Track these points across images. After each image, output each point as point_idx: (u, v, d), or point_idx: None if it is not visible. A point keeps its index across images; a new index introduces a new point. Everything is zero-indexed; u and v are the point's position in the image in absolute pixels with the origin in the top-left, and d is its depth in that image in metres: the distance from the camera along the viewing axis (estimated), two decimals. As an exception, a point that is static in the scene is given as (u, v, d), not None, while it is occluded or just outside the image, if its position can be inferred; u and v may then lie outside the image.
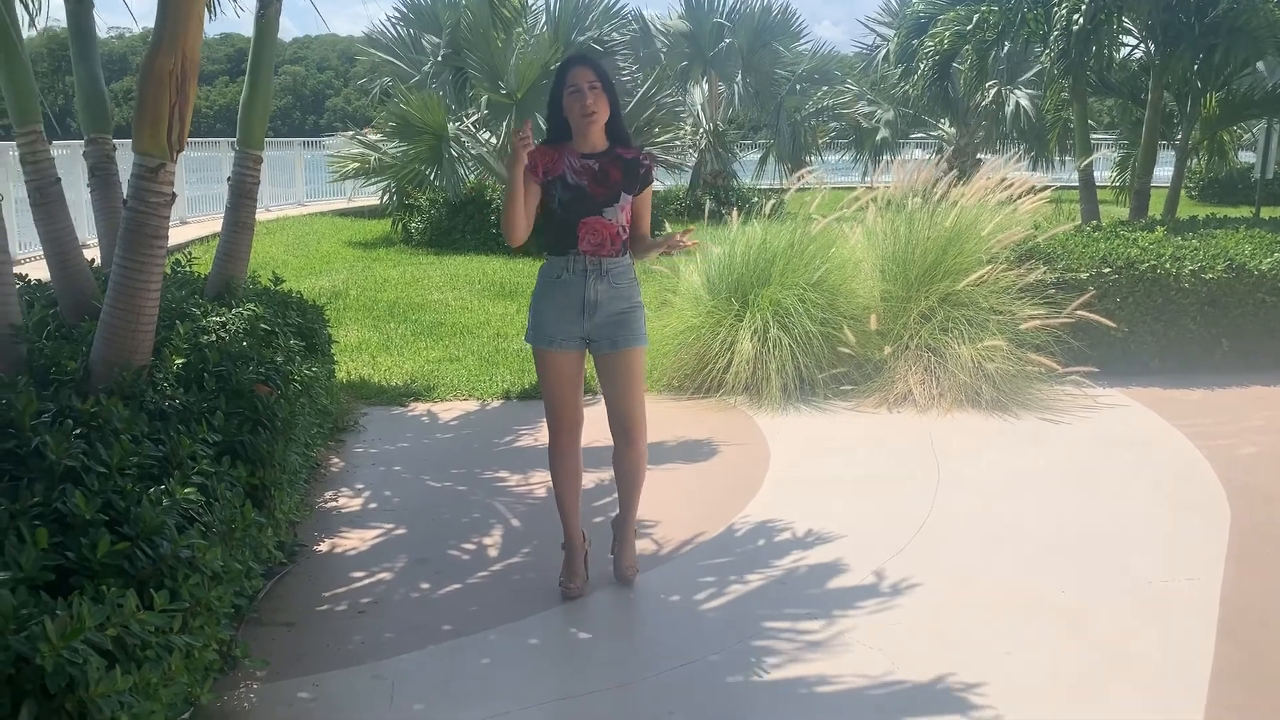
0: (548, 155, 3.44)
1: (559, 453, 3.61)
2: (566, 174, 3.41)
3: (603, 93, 3.37)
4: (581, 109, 3.36)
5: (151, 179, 3.50)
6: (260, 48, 5.31)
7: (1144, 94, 9.43)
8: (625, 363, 3.50)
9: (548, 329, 3.48)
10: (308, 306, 5.50)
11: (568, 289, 3.45)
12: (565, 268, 3.45)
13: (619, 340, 3.47)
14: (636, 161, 3.48)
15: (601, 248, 3.42)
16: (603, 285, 3.44)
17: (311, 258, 12.04)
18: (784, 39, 18.93)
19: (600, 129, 3.43)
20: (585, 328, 3.46)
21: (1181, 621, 3.45)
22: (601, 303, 3.44)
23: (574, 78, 3.38)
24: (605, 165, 3.43)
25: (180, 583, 2.46)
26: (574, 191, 3.40)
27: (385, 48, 14.63)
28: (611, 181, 3.42)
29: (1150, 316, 6.57)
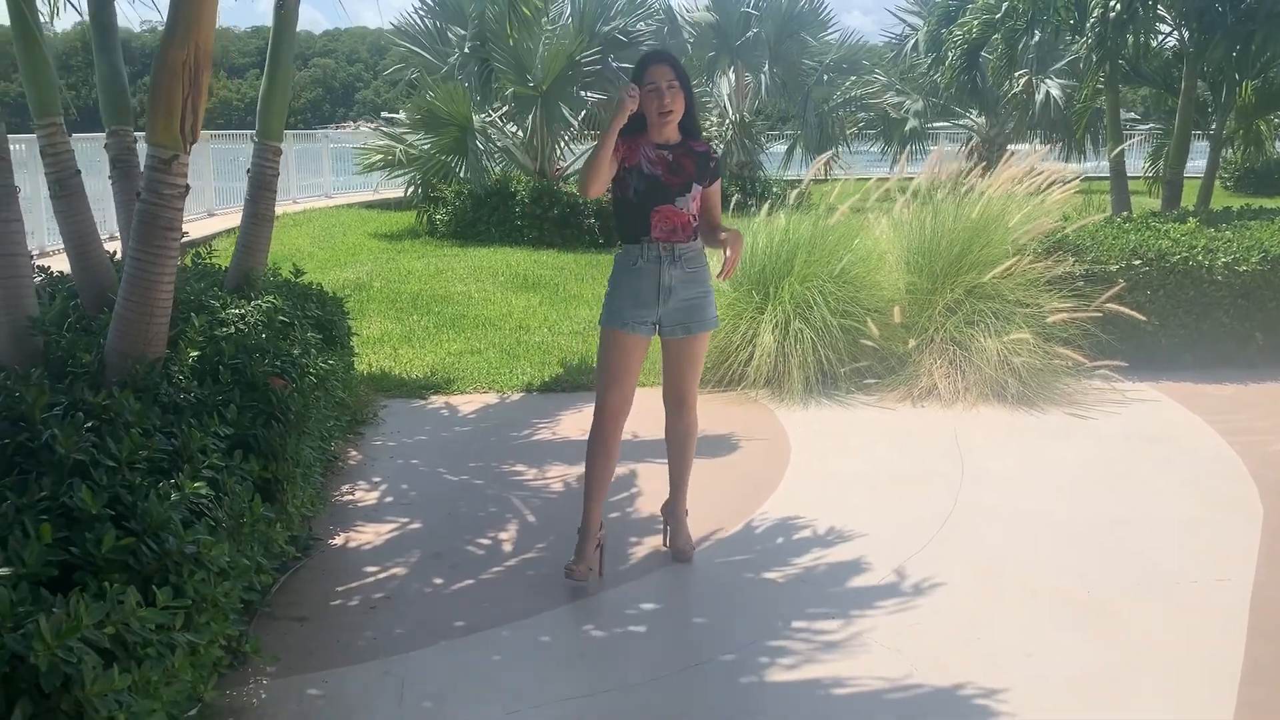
0: (624, 145, 3.56)
1: (600, 435, 3.66)
2: (643, 163, 3.55)
3: (679, 90, 3.51)
4: (659, 106, 3.50)
5: (165, 170, 3.48)
6: (279, 39, 5.28)
7: (1178, 83, 9.25)
8: (694, 347, 3.69)
9: (623, 313, 3.59)
10: (327, 298, 5.48)
11: (643, 275, 3.57)
12: (640, 254, 3.57)
13: (692, 326, 3.63)
14: (707, 155, 3.63)
15: (674, 234, 3.55)
16: (676, 270, 3.56)
17: (337, 249, 12.06)
18: (812, 29, 18.75)
19: (675, 125, 3.58)
20: (659, 312, 3.59)
21: (1211, 623, 3.36)
22: (675, 288, 3.57)
23: (653, 75, 3.51)
24: (679, 157, 3.57)
25: (185, 579, 2.44)
26: (649, 181, 3.54)
27: (412, 39, 14.65)
28: (686, 172, 3.56)
29: (1182, 310, 6.44)
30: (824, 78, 18.87)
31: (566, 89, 12.92)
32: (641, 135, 3.58)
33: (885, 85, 20.24)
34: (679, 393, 3.77)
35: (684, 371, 3.73)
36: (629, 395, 3.67)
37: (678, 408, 3.79)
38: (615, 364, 3.62)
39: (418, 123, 12.91)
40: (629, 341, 3.60)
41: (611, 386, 3.63)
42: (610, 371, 3.63)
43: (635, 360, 3.64)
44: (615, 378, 3.63)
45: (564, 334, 7.59)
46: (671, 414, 3.81)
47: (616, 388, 3.63)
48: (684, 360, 3.71)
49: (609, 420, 3.64)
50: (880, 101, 20.14)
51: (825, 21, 18.94)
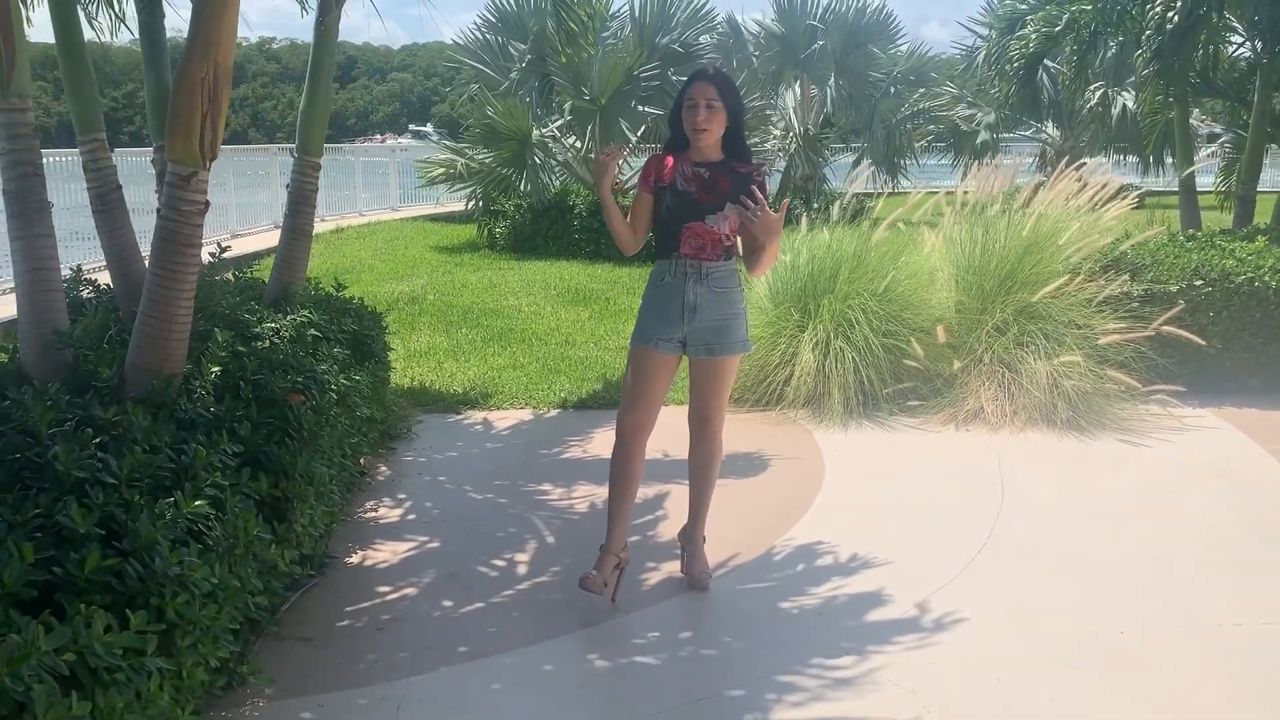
0: (662, 164, 3.58)
1: (620, 454, 3.63)
2: (677, 180, 3.53)
3: (720, 110, 3.46)
4: (693, 124, 3.47)
5: (184, 187, 3.50)
6: (320, 54, 5.33)
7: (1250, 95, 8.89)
8: (718, 370, 3.61)
9: (649, 329, 3.57)
10: (365, 313, 5.49)
11: (669, 291, 3.55)
12: (668, 270, 3.56)
13: (716, 348, 3.56)
14: (749, 176, 3.52)
15: (702, 251, 3.51)
16: (701, 288, 3.51)
17: (397, 262, 12.19)
18: (880, 41, 18.49)
19: (711, 143, 3.52)
20: (684, 330, 3.54)
21: (1252, 671, 3.16)
22: (700, 306, 3.51)
23: (694, 92, 3.48)
24: (716, 175, 3.52)
25: (167, 601, 2.42)
26: (681, 198, 3.51)
27: (475, 55, 14.76)
28: (720, 190, 3.50)
29: (1247, 332, 6.16)
30: (891, 90, 18.60)
31: (625, 103, 12.89)
32: (684, 152, 3.56)
33: (956, 97, 19.90)
34: (702, 415, 3.70)
35: (707, 393, 3.65)
36: (650, 414, 3.62)
37: (700, 431, 3.72)
38: (637, 381, 3.60)
39: (477, 137, 13.00)
40: (653, 359, 3.56)
41: (631, 404, 3.60)
42: (631, 386, 3.61)
43: (658, 379, 3.59)
44: (635, 395, 3.59)
45: (609, 349, 7.53)
46: (695, 436, 3.74)
47: (636, 406, 3.59)
48: (708, 382, 3.63)
49: (628, 438, 3.61)
50: (950, 114, 19.80)
51: (893, 34, 18.68)
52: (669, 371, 3.62)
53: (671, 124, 3.61)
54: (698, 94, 3.46)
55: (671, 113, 3.60)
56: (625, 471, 3.62)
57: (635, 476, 3.65)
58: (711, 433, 3.70)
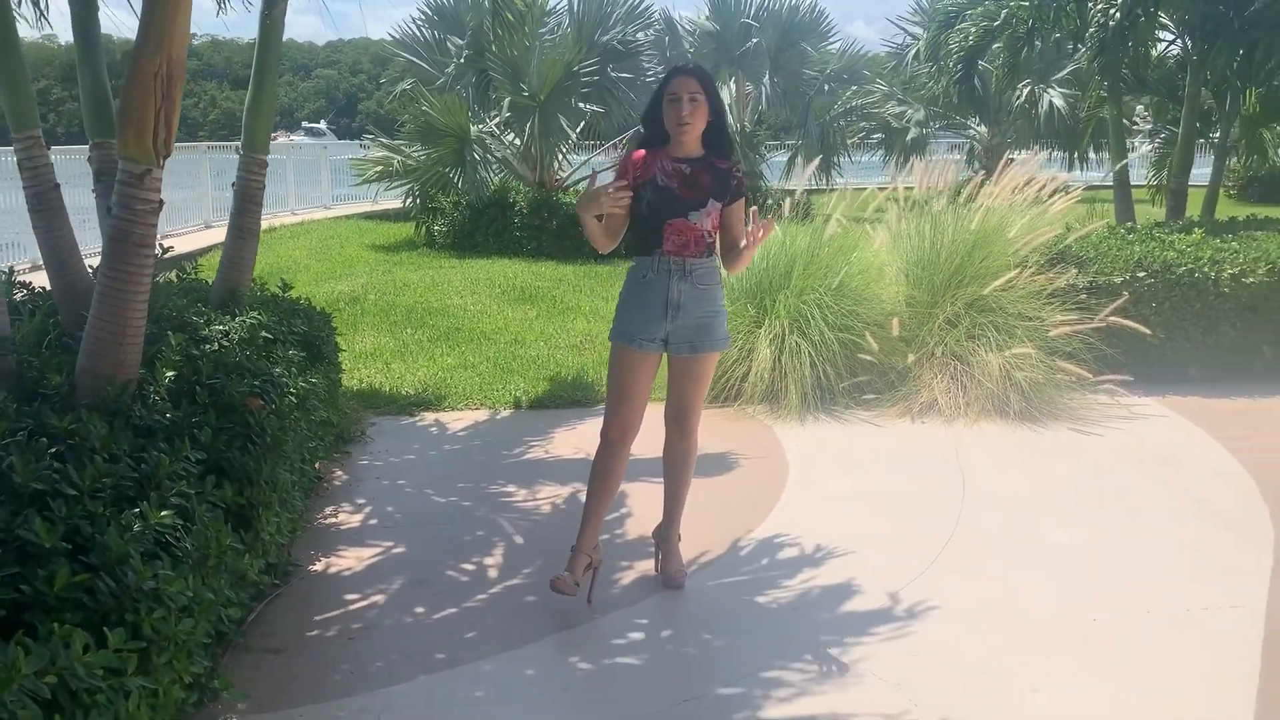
0: (640, 159, 3.49)
1: (604, 455, 3.57)
2: (657, 176, 3.45)
3: (703, 104, 3.40)
4: (676, 117, 3.40)
5: (137, 185, 3.37)
6: (265, 50, 5.18)
7: (1181, 91, 9.13)
8: (700, 367, 3.57)
9: (631, 328, 3.50)
10: (315, 314, 5.37)
11: (652, 288, 3.48)
12: (650, 267, 3.48)
13: (698, 345, 3.52)
14: (729, 172, 3.50)
15: (685, 248, 3.46)
16: (685, 285, 3.46)
17: (334, 261, 11.96)
18: (812, 39, 18.66)
19: (694, 138, 3.47)
20: (666, 329, 3.48)
21: (1224, 655, 3.23)
22: (684, 304, 3.47)
23: (676, 86, 3.42)
24: (697, 171, 3.47)
25: (144, 617, 2.32)
26: (662, 194, 3.44)
27: (411, 50, 14.56)
28: (701, 186, 3.45)
29: (1188, 322, 6.32)
30: (825, 87, 18.76)
31: (564, 99, 12.81)
32: (663, 148, 3.50)
33: (887, 95, 20.15)
34: (680, 412, 3.65)
35: (687, 390, 3.61)
36: (637, 414, 3.56)
37: (678, 428, 3.67)
38: (622, 381, 3.54)
39: (414, 133, 12.81)
40: (636, 358, 3.51)
41: (618, 404, 3.54)
42: (616, 389, 3.55)
43: (643, 378, 3.54)
44: (621, 395, 3.54)
45: (560, 347, 7.47)
46: (671, 433, 3.70)
47: (622, 408, 3.53)
48: (688, 379, 3.59)
49: (614, 439, 3.55)
50: (882, 111, 20.04)
51: (826, 31, 18.84)
52: (652, 370, 3.57)
53: (647, 120, 3.55)
54: (680, 88, 3.40)
55: (648, 108, 3.54)
56: (609, 474, 3.56)
57: (616, 479, 3.60)
58: (688, 430, 3.65)
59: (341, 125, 75.83)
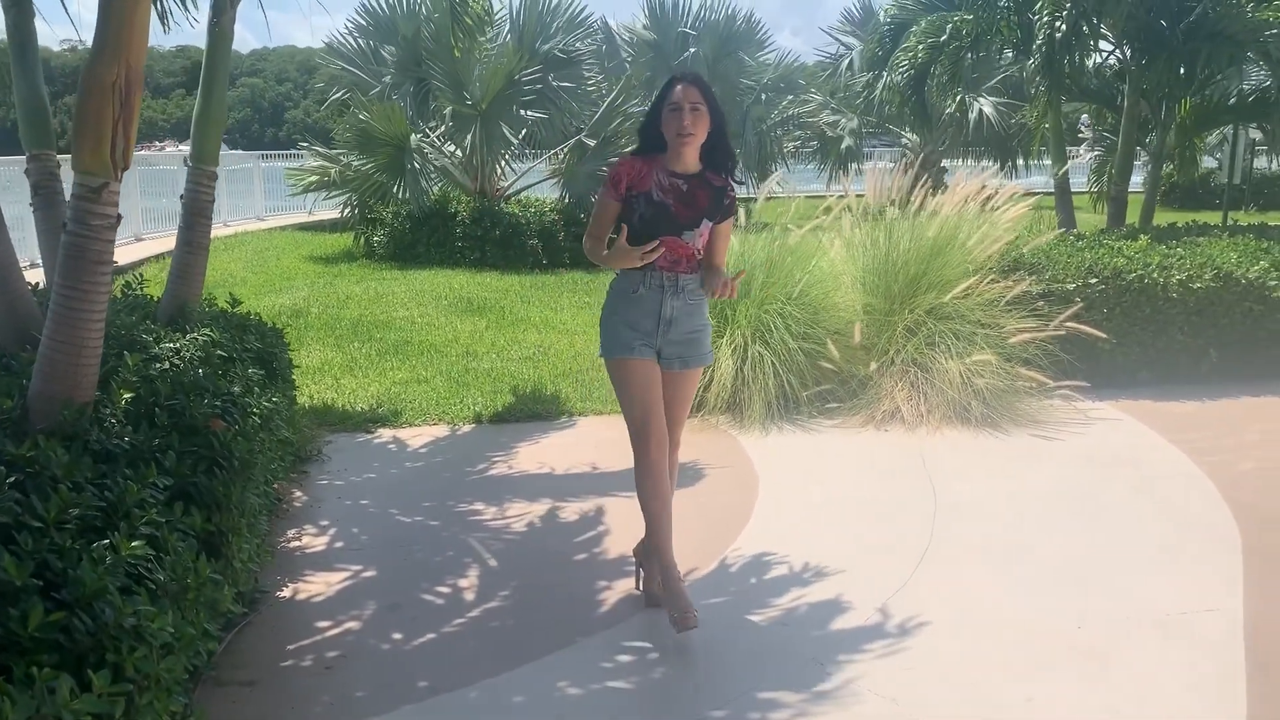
0: (635, 168, 3.36)
1: (650, 471, 3.40)
2: (653, 190, 3.33)
3: (704, 115, 3.28)
4: (679, 127, 3.26)
5: (94, 199, 3.21)
6: (214, 59, 5.02)
7: (1119, 100, 9.32)
8: (688, 382, 3.53)
9: (626, 338, 3.40)
10: (267, 329, 5.20)
11: (643, 304, 3.40)
12: (641, 282, 3.39)
13: (690, 359, 3.48)
14: (724, 190, 3.41)
15: (678, 265, 3.38)
16: (678, 302, 3.39)
17: (271, 274, 11.69)
18: (749, 48, 18.84)
19: (694, 150, 3.34)
20: (658, 342, 3.42)
21: (1208, 657, 3.25)
22: (677, 319, 3.41)
23: (677, 95, 3.29)
24: (694, 188, 3.35)
25: (125, 656, 2.19)
26: (658, 209, 3.32)
27: (345, 58, 14.33)
28: (698, 205, 3.34)
29: (1138, 327, 6.43)
30: (762, 97, 18.93)
31: (506, 107, 12.69)
32: (659, 158, 3.37)
33: (821, 104, 20.37)
34: (672, 434, 3.54)
35: (676, 407, 3.53)
36: (662, 419, 3.44)
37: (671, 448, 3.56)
38: (640, 392, 3.41)
39: (351, 142, 12.58)
40: (643, 366, 3.40)
41: (645, 417, 3.40)
42: (639, 402, 3.41)
43: (656, 381, 3.44)
44: (647, 407, 3.40)
45: (514, 359, 7.36)
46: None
47: (650, 416, 3.40)
48: (677, 395, 3.52)
49: (655, 449, 3.40)
50: (816, 120, 20.26)
51: (761, 41, 19.06)
52: (658, 374, 3.45)
53: (645, 130, 3.41)
54: (682, 96, 3.27)
55: (647, 118, 3.40)
56: (657, 490, 3.41)
57: (668, 491, 3.47)
58: (674, 443, 3.57)
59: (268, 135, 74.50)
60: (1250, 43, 7.79)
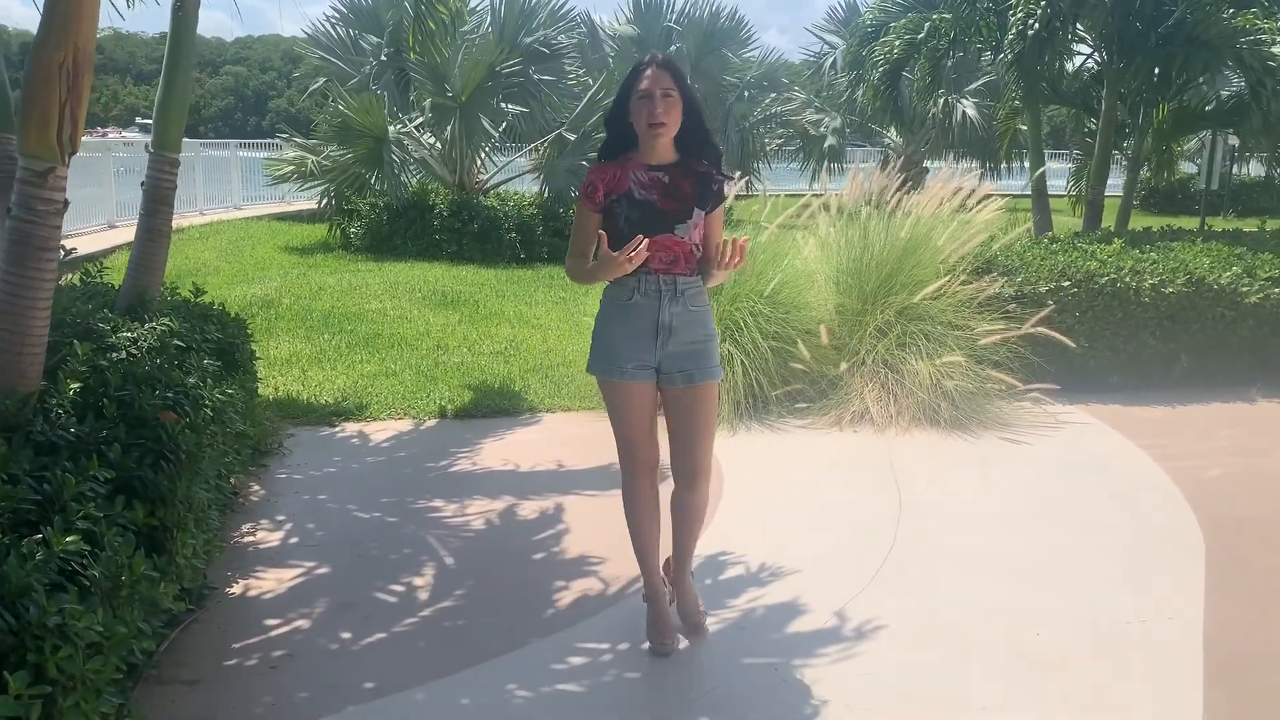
0: (609, 172, 3.09)
1: (637, 498, 3.25)
2: (633, 189, 3.05)
3: (677, 101, 2.99)
4: (649, 116, 2.97)
5: (40, 184, 3.14)
6: (177, 43, 4.92)
7: (1097, 104, 9.32)
8: (701, 399, 3.14)
9: (618, 357, 3.11)
10: (229, 320, 5.12)
11: (639, 312, 3.09)
12: (636, 288, 3.08)
13: (695, 374, 3.11)
14: (709, 175, 3.10)
15: (675, 265, 3.06)
16: (678, 308, 3.08)
17: (245, 264, 11.57)
18: (733, 45, 18.78)
19: (669, 141, 3.06)
20: (658, 356, 3.10)
21: (1166, 667, 3.22)
22: (677, 328, 3.08)
23: (646, 81, 2.99)
24: (677, 178, 3.06)
25: (48, 656, 2.12)
26: (643, 208, 3.04)
27: (326, 48, 14.21)
28: (684, 195, 3.05)
29: (1110, 331, 6.41)
30: (745, 94, 18.91)
31: (486, 100, 12.61)
32: (631, 156, 3.08)
33: (804, 103, 20.36)
34: (687, 462, 3.19)
35: (692, 434, 3.16)
36: (654, 445, 3.24)
37: (687, 480, 3.23)
38: (628, 417, 3.17)
39: (329, 133, 12.47)
40: (633, 391, 3.13)
41: (631, 444, 3.21)
42: (627, 428, 3.19)
43: (647, 407, 3.17)
44: (634, 433, 3.19)
45: (485, 354, 7.29)
46: (681, 486, 3.26)
47: (637, 444, 3.20)
48: (691, 419, 3.15)
49: (642, 476, 3.24)
50: (800, 119, 20.24)
51: (746, 39, 19.00)
52: (652, 399, 3.18)
53: (612, 124, 3.11)
54: (651, 83, 2.96)
55: (611, 111, 3.10)
56: (645, 515, 3.27)
57: (656, 517, 3.31)
58: (702, 482, 3.22)
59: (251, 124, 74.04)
60: (1226, 49, 7.79)
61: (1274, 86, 7.69)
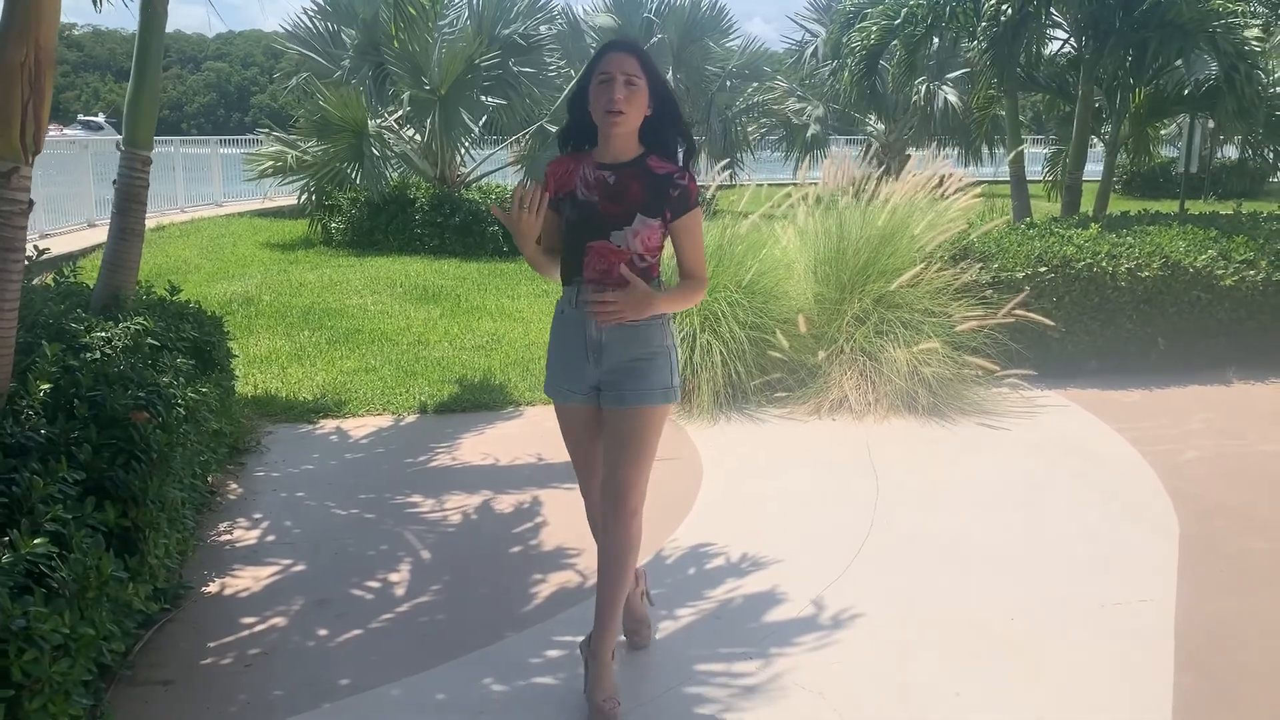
0: (563, 167, 2.83)
1: (595, 528, 3.03)
2: (578, 188, 2.77)
3: (642, 90, 2.69)
4: (607, 102, 2.66)
5: (3, 185, 3.12)
6: (147, 39, 4.89)
7: (1073, 89, 9.34)
8: (630, 424, 2.79)
9: (555, 378, 2.90)
10: (205, 318, 5.09)
11: (570, 326, 2.82)
12: (569, 300, 2.82)
13: (627, 395, 2.78)
14: (668, 179, 2.74)
15: (608, 274, 2.73)
16: (609, 324, 2.75)
17: (226, 261, 11.52)
18: (714, 35, 18.72)
19: (628, 133, 2.74)
20: (590, 375, 2.81)
21: (1138, 650, 3.24)
22: (608, 345, 2.77)
23: (608, 65, 2.69)
24: (624, 178, 2.74)
25: (13, 660, 2.12)
26: (583, 209, 2.75)
27: (304, 43, 14.12)
28: (629, 198, 2.72)
29: (1087, 316, 6.44)
30: (727, 84, 18.86)
31: (466, 93, 12.56)
32: (590, 153, 2.82)
33: (787, 92, 20.35)
34: (614, 489, 2.81)
35: (620, 458, 2.79)
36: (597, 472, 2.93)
37: (613, 510, 2.82)
38: (570, 442, 2.96)
39: (309, 128, 12.41)
40: (572, 414, 2.90)
41: (577, 470, 3.02)
42: (572, 452, 2.99)
43: (591, 431, 2.89)
44: (579, 459, 2.98)
45: (466, 348, 7.28)
46: (606, 515, 2.85)
47: (579, 470, 3.00)
48: (618, 443, 2.80)
49: (592, 505, 3.01)
50: (782, 108, 20.23)
51: (727, 28, 18.94)
52: (594, 422, 2.89)
53: (572, 110, 2.83)
54: (613, 66, 2.67)
55: (574, 94, 2.82)
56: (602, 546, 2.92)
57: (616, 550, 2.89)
58: (629, 512, 2.81)
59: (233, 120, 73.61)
60: (1199, 33, 7.81)
61: (1247, 71, 7.73)
